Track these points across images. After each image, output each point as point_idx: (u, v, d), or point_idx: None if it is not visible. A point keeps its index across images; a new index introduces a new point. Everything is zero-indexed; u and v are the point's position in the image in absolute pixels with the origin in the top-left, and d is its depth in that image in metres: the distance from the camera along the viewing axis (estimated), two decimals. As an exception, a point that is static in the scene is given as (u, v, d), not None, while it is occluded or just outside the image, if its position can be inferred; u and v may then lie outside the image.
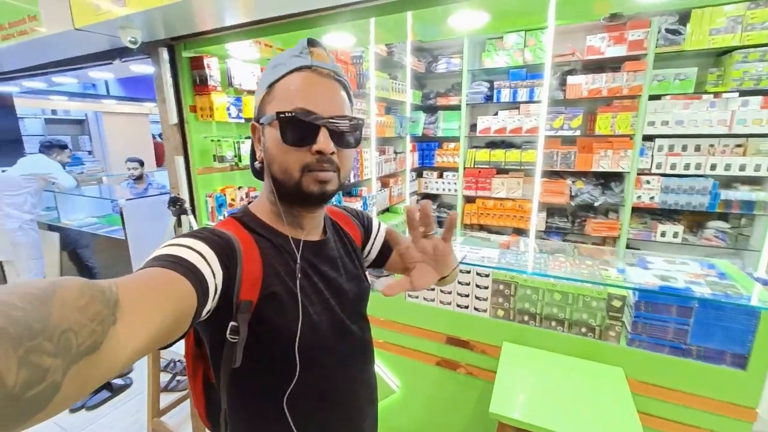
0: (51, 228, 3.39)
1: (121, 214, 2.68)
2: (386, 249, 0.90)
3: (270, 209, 0.69)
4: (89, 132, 6.73)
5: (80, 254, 3.41)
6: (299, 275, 0.66)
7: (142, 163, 3.82)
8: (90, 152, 6.88)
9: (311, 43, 0.65)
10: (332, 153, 0.62)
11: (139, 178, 3.78)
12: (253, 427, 0.68)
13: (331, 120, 0.62)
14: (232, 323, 0.59)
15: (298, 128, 0.60)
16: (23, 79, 2.79)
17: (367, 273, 0.87)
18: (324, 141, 0.61)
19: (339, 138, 0.63)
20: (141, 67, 2.31)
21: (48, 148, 3.08)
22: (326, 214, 0.81)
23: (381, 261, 0.90)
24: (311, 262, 0.70)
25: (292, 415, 0.66)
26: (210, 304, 0.54)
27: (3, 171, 3.22)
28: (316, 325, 0.66)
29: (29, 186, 2.94)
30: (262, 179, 0.73)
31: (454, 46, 3.64)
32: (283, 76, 0.63)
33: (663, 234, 3.04)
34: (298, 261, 0.67)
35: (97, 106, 6.19)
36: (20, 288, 0.31)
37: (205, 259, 0.54)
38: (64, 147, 3.17)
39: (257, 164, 0.69)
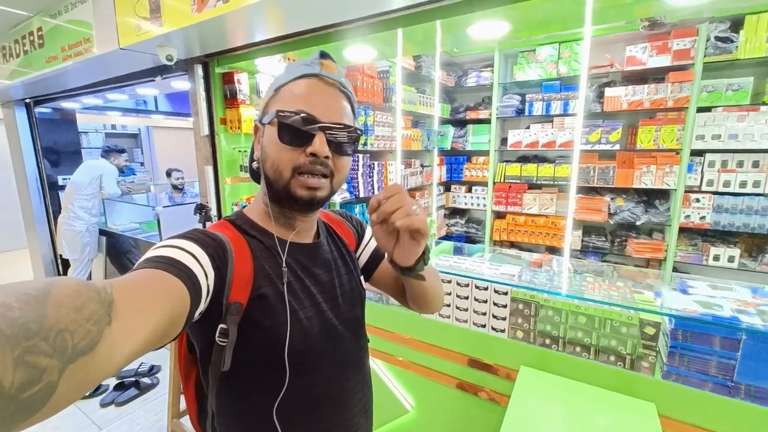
0: (99, 232, 3.66)
1: (158, 221, 2.85)
2: (373, 261, 0.87)
3: (264, 211, 0.69)
4: (141, 145, 7.31)
5: (122, 256, 3.65)
6: (286, 278, 0.66)
7: (183, 173, 4.08)
8: (142, 164, 7.44)
9: (323, 55, 0.67)
10: (326, 157, 0.63)
11: (180, 188, 4.03)
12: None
13: (329, 126, 0.63)
14: (221, 325, 0.59)
15: (296, 128, 0.61)
16: (82, 96, 3.08)
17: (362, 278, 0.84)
18: (319, 144, 0.62)
19: (335, 144, 0.64)
20: (181, 83, 2.47)
21: (107, 152, 3.40)
22: (320, 218, 0.80)
23: (367, 273, 0.88)
24: (303, 264, 0.69)
25: (281, 423, 0.64)
26: (202, 306, 0.54)
27: (64, 178, 3.55)
28: (306, 329, 0.65)
29: (97, 190, 3.24)
30: (257, 181, 0.73)
31: (485, 59, 3.60)
32: (289, 81, 0.65)
33: (716, 258, 2.76)
34: (284, 262, 0.66)
35: (147, 121, 6.74)
36: (17, 288, 0.32)
37: (198, 261, 0.54)
38: (121, 151, 3.50)
39: (255, 164, 0.70)
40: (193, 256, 0.54)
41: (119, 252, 3.61)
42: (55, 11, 2.16)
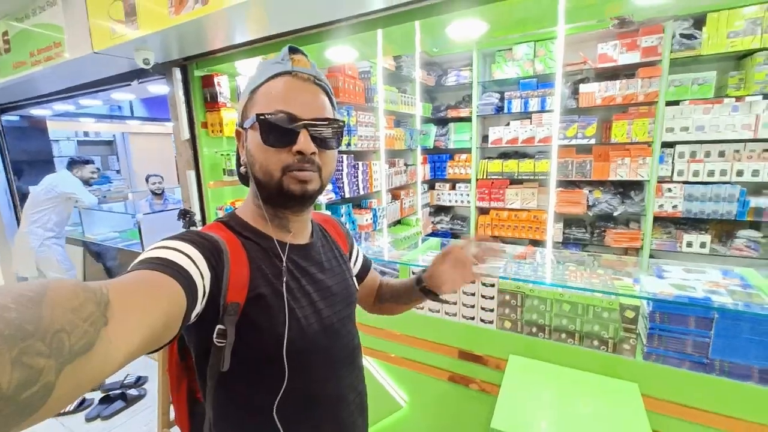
0: (76, 242, 3.54)
1: (139, 229, 2.78)
2: (362, 273, 0.93)
3: (256, 212, 0.70)
4: (117, 152, 7.09)
5: (106, 267, 3.52)
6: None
7: (162, 178, 3.96)
8: (118, 171, 7.22)
9: (292, 50, 0.66)
10: (313, 153, 0.63)
11: (159, 194, 3.92)
12: None
13: (311, 122, 0.63)
14: (219, 326, 0.59)
15: (279, 129, 0.62)
16: (54, 102, 2.97)
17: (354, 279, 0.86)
18: (304, 141, 0.62)
19: (319, 139, 0.65)
20: (158, 87, 2.42)
21: (71, 164, 3.19)
22: (314, 219, 0.81)
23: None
24: (299, 264, 0.70)
25: (281, 421, 0.64)
26: (199, 307, 0.54)
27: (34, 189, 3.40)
28: (304, 328, 0.66)
29: (52, 204, 3.02)
30: (247, 184, 0.74)
31: (464, 59, 3.66)
32: (264, 82, 0.65)
33: (689, 244, 2.89)
34: (284, 263, 0.67)
35: (123, 127, 6.55)
36: (13, 290, 0.32)
37: (194, 262, 0.54)
38: (86, 162, 3.25)
39: (242, 169, 0.71)
40: (189, 257, 0.54)
41: (100, 261, 3.48)
42: (22, 15, 2.08)
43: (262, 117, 0.61)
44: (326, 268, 0.75)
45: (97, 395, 2.47)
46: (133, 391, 2.50)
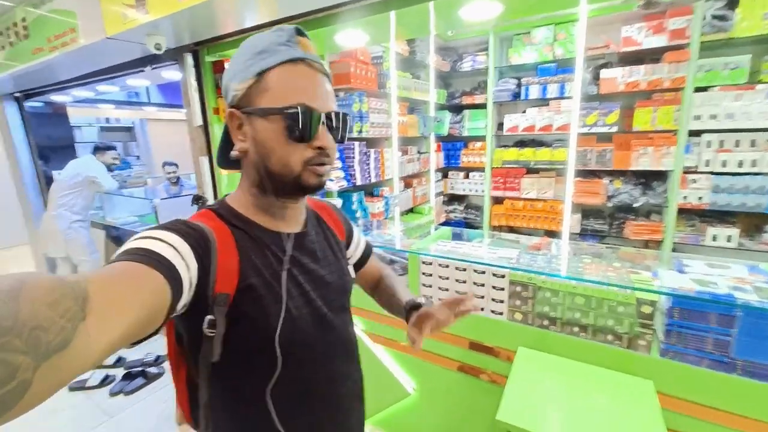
0: (98, 226, 3.65)
1: (156, 213, 2.84)
2: (363, 259, 0.92)
3: (249, 201, 0.67)
4: (137, 138, 7.23)
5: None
6: (287, 266, 0.65)
7: (177, 166, 4.02)
8: (138, 157, 7.37)
9: (299, 32, 0.64)
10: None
11: (175, 182, 3.99)
12: (235, 423, 0.67)
13: (328, 116, 0.63)
14: (209, 317, 0.58)
15: (303, 124, 0.60)
16: (72, 88, 3.03)
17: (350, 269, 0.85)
18: (325, 137, 0.63)
19: (333, 133, 0.65)
20: (171, 73, 2.43)
21: (96, 149, 3.31)
22: (308, 206, 0.79)
23: (355, 268, 0.90)
24: (291, 254, 0.68)
25: (276, 410, 0.64)
26: (186, 298, 0.54)
27: (59, 173, 3.50)
28: (296, 319, 0.65)
29: (78, 188, 3.14)
30: (231, 168, 0.71)
31: (480, 43, 3.55)
32: (274, 66, 0.61)
33: (714, 238, 2.77)
34: (286, 253, 0.66)
35: (141, 113, 6.64)
36: None
37: (179, 252, 0.53)
38: (108, 148, 3.35)
39: (234, 154, 0.65)
40: (174, 247, 0.53)
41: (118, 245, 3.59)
42: (38, 0, 2.11)
43: (289, 111, 0.59)
44: (319, 258, 0.73)
45: (120, 372, 2.58)
46: (153, 369, 2.60)
